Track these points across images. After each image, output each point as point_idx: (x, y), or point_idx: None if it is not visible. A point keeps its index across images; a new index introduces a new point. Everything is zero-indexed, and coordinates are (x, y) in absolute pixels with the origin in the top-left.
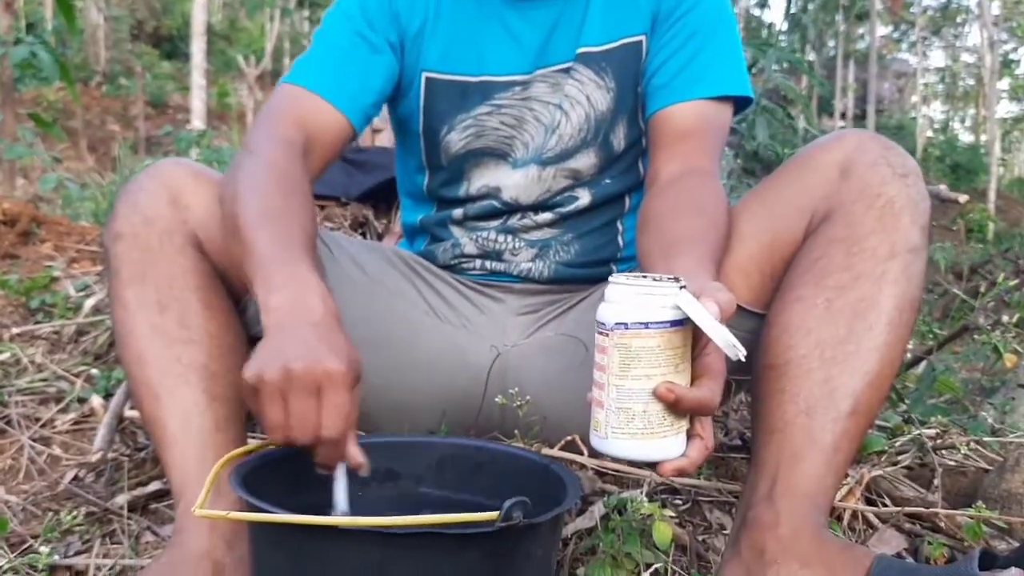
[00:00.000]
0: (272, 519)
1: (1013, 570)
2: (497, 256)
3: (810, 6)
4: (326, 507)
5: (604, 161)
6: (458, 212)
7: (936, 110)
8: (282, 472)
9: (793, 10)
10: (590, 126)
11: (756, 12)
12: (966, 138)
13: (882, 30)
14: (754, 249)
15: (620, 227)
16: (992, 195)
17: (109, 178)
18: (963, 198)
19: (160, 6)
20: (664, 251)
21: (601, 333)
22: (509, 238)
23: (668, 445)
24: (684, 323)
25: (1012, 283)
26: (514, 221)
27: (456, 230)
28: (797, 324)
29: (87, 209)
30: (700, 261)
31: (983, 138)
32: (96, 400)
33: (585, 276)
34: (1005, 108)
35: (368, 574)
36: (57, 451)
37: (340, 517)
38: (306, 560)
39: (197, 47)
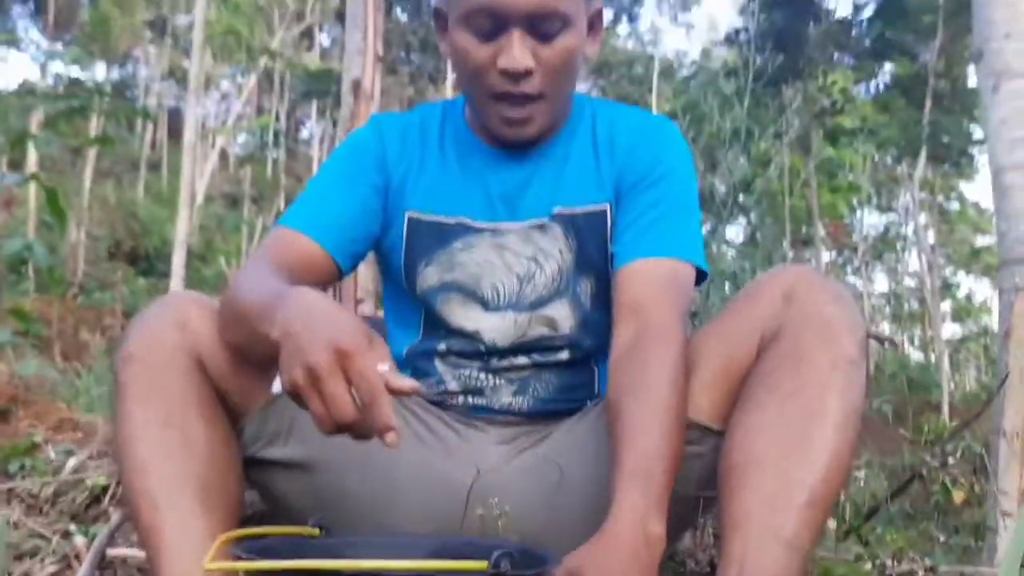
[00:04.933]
0: (279, 566)
1: None
2: (479, 392)
3: (759, 234)
4: None
5: (578, 313)
6: (442, 346)
7: (885, 330)
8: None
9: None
10: (562, 277)
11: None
12: (916, 356)
13: (827, 255)
14: (716, 369)
15: (596, 369)
16: (946, 408)
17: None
18: (895, 340)
19: (139, 227)
20: (613, 469)
21: None
22: (490, 376)
23: None
24: None
25: (953, 425)
26: (495, 362)
27: (440, 365)
28: (756, 427)
29: (67, 394)
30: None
31: (932, 357)
32: (79, 539)
33: (561, 409)
34: (950, 329)
35: None
36: None
37: (343, 561)
38: None
39: (178, 257)
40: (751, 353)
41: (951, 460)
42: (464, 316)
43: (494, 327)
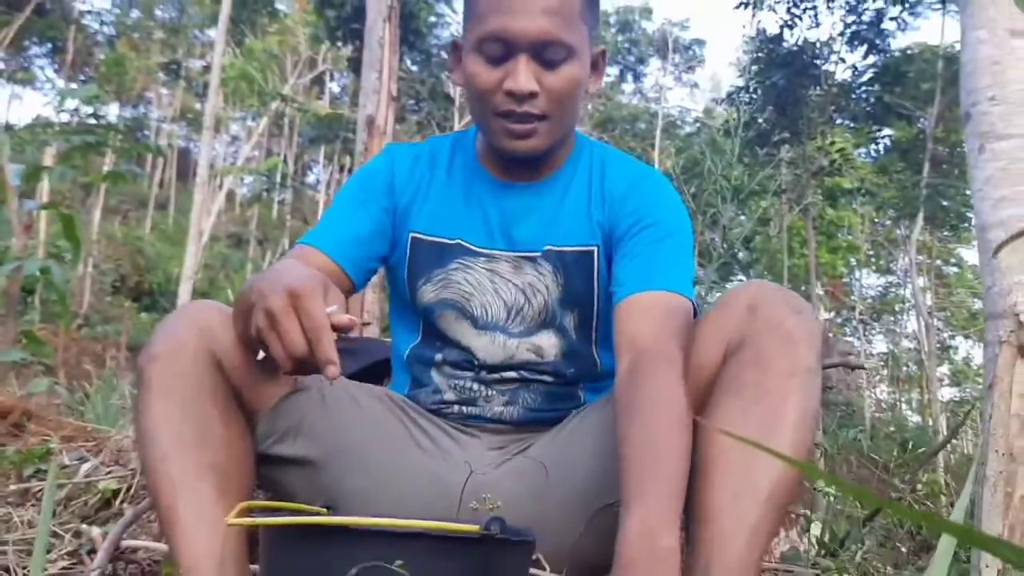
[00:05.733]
0: (293, 521)
1: None
2: (472, 402)
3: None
4: None
5: (563, 343)
6: (439, 356)
7: (883, 391)
8: None
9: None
10: (547, 310)
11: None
12: (913, 419)
13: (825, 315)
14: (686, 373)
15: (580, 385)
16: (941, 469)
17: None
18: (867, 364)
19: (145, 264)
20: (620, 489)
21: None
22: (483, 387)
23: None
24: None
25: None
26: (486, 374)
27: (436, 376)
28: (722, 426)
29: (74, 413)
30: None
31: (930, 421)
32: (96, 531)
33: (548, 418)
34: (948, 393)
35: (370, 570)
36: None
37: (350, 518)
38: (316, 560)
39: (184, 291)
40: (718, 359)
41: (919, 487)
42: (457, 331)
43: (484, 347)
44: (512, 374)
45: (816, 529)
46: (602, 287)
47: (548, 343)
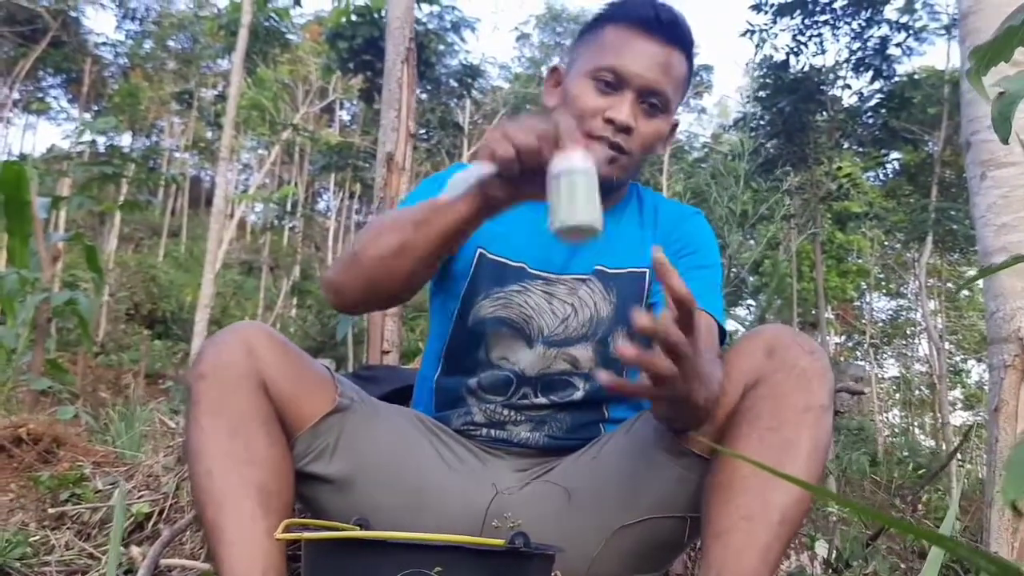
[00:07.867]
0: (335, 535)
1: None
2: (501, 426)
3: (768, 316)
4: None
5: (600, 357)
6: (472, 381)
7: (895, 415)
8: None
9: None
10: (592, 325)
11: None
12: (926, 443)
13: (836, 339)
14: None
15: (606, 412)
16: (955, 492)
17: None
18: (866, 390)
19: (158, 291)
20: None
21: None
22: (512, 412)
23: None
24: None
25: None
26: (517, 399)
27: (470, 399)
28: (740, 453)
29: (98, 439)
30: None
31: (943, 445)
32: (135, 549)
33: (570, 446)
34: (961, 417)
35: None
36: None
37: (386, 532)
38: (358, 572)
39: (200, 318)
40: (736, 395)
41: (921, 507)
42: (507, 348)
43: (527, 357)
44: (542, 400)
45: (822, 549)
46: (650, 306)
47: (584, 355)
